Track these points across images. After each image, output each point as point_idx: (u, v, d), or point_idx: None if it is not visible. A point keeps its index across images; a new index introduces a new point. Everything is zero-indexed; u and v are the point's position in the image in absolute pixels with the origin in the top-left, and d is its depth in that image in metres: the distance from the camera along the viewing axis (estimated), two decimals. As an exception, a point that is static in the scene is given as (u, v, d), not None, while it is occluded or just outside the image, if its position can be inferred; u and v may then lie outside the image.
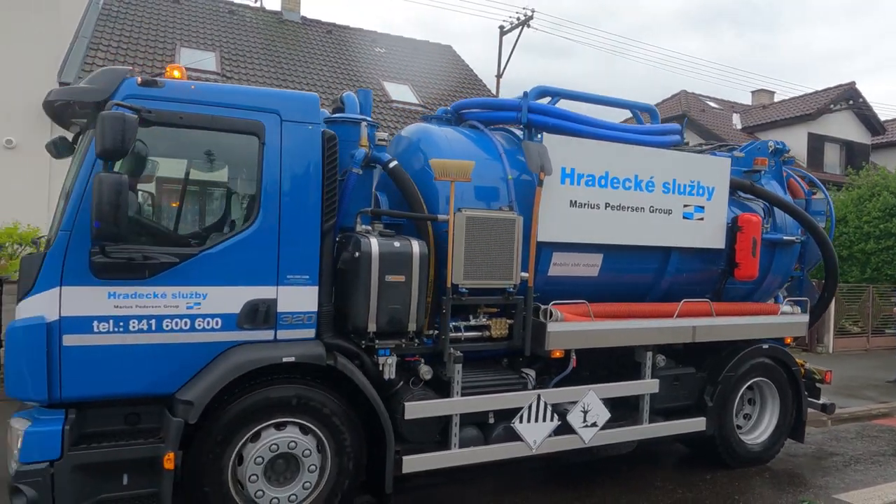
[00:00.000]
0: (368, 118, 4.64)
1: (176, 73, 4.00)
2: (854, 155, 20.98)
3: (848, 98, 19.69)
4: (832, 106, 19.14)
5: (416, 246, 4.26)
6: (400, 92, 15.24)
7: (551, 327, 4.74)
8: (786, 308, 6.19)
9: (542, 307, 4.86)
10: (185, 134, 3.73)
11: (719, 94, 28.46)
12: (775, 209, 6.33)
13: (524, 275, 4.72)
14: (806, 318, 6.25)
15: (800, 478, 5.80)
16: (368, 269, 4.07)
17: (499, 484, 5.20)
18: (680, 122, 6.57)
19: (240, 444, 3.87)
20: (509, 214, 4.69)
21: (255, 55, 14.40)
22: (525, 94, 5.25)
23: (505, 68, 16.14)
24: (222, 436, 3.80)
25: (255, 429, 3.91)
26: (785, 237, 6.26)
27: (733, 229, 5.85)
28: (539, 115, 5.18)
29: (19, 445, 3.47)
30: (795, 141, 18.66)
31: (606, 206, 5.24)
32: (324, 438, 4.07)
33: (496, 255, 4.61)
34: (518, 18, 16.10)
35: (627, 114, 6.44)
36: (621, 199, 5.29)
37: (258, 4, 17.27)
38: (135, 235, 3.64)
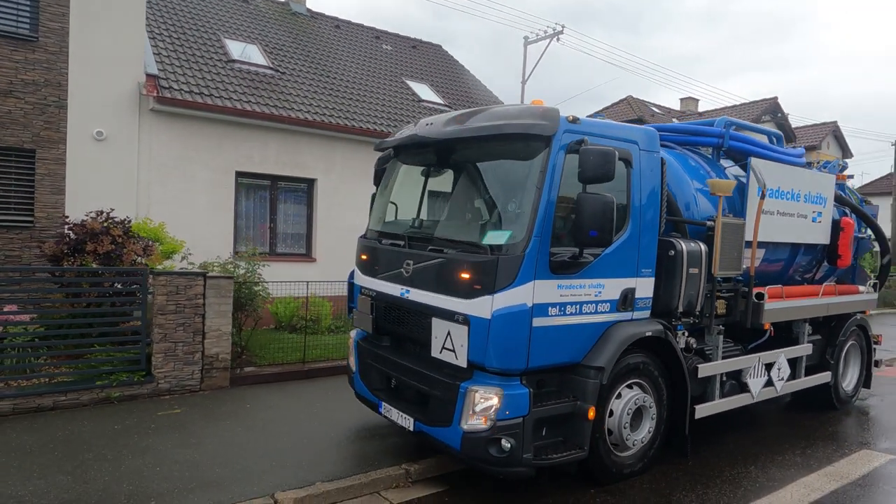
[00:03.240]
0: None
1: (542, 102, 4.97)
2: (771, 158, 24.73)
3: (773, 111, 23.28)
4: (763, 117, 22.58)
5: (702, 246, 5.58)
6: (424, 91, 16.04)
7: (767, 306, 6.26)
8: (862, 288, 8.22)
9: (754, 290, 6.36)
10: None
11: (650, 99, 31.72)
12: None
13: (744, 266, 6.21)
14: (876, 295, 8.33)
15: (873, 409, 7.87)
16: (681, 264, 5.34)
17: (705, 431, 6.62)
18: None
19: (611, 400, 5.01)
20: (740, 220, 6.13)
21: (288, 49, 14.53)
22: (724, 123, 6.68)
23: (530, 75, 17.42)
24: (605, 394, 4.91)
25: (619, 389, 5.06)
26: (859, 235, 8.29)
27: (836, 229, 7.71)
28: (737, 142, 6.66)
29: (498, 405, 4.37)
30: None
31: (776, 213, 6.84)
32: (652, 394, 5.30)
33: (733, 252, 6.04)
34: (545, 31, 17.47)
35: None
36: (784, 208, 6.91)
37: (265, -6, 17.13)
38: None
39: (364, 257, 5.89)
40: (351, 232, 12.49)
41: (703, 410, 5.71)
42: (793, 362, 6.95)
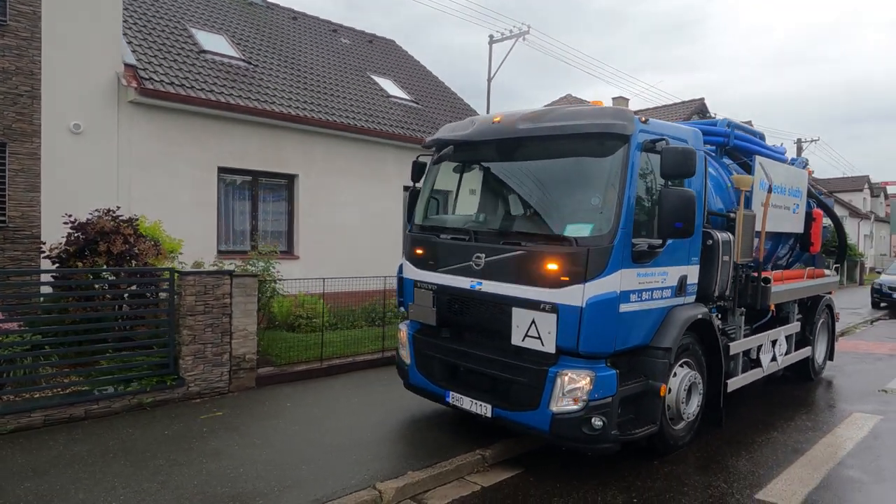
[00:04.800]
0: None
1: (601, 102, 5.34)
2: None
3: (701, 110, 25.09)
4: (693, 117, 24.27)
5: (730, 236, 6.15)
6: (390, 87, 16.01)
7: (773, 288, 6.97)
8: (827, 272, 9.24)
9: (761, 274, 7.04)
10: (653, 157, 5.11)
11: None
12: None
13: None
14: (838, 277, 9.39)
15: (838, 379, 8.91)
16: (718, 253, 5.88)
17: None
18: None
19: (669, 378, 5.45)
20: (754, 213, 6.78)
21: (254, 40, 14.08)
22: (726, 124, 7.34)
23: (495, 74, 17.72)
24: (667, 373, 5.34)
25: (675, 368, 5.52)
26: (824, 224, 9.31)
27: (809, 220, 8.63)
28: (741, 142, 7.34)
29: (589, 387, 4.68)
30: (667, 143, 23.32)
31: (771, 206, 7.59)
32: (696, 371, 5.80)
33: (749, 241, 6.67)
34: (511, 31, 17.81)
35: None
36: (777, 201, 7.67)
37: (219, -19, 16.43)
38: (649, 231, 4.98)
39: (419, 252, 5.99)
40: (332, 229, 12.47)
41: (733, 384, 6.32)
42: (787, 339, 7.76)
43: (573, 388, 4.75)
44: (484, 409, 5.28)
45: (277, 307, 10.12)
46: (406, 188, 13.89)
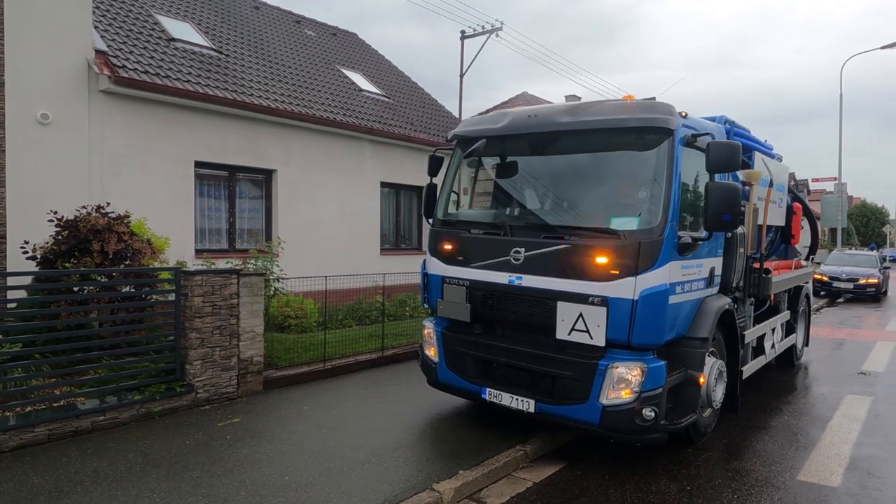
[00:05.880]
0: None
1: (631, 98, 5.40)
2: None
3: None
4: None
5: (744, 229, 6.37)
6: (360, 80, 15.70)
7: (774, 279, 7.27)
8: (804, 263, 9.75)
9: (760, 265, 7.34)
10: (691, 153, 5.20)
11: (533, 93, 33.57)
12: (788, 198, 9.80)
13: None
14: (813, 268, 9.92)
15: (815, 364, 9.43)
16: (737, 245, 6.08)
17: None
18: None
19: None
20: (757, 206, 7.04)
21: (220, 29, 13.46)
22: (725, 119, 7.59)
23: (467, 69, 17.62)
24: (704, 362, 5.45)
25: (704, 357, 5.66)
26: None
27: (790, 213, 9.07)
28: (739, 138, 7.58)
29: (641, 378, 4.72)
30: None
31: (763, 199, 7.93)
32: (720, 359, 5.97)
33: (755, 233, 6.94)
34: (483, 27, 17.75)
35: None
36: (772, 197, 8.03)
37: (176, -34, 15.60)
38: (688, 224, 5.07)
39: (447, 247, 5.87)
40: (312, 225, 12.11)
41: (747, 371, 6.55)
42: (781, 327, 8.14)
43: (624, 380, 4.78)
44: (526, 404, 5.24)
45: (273, 308, 9.74)
46: (384, 184, 13.80)
